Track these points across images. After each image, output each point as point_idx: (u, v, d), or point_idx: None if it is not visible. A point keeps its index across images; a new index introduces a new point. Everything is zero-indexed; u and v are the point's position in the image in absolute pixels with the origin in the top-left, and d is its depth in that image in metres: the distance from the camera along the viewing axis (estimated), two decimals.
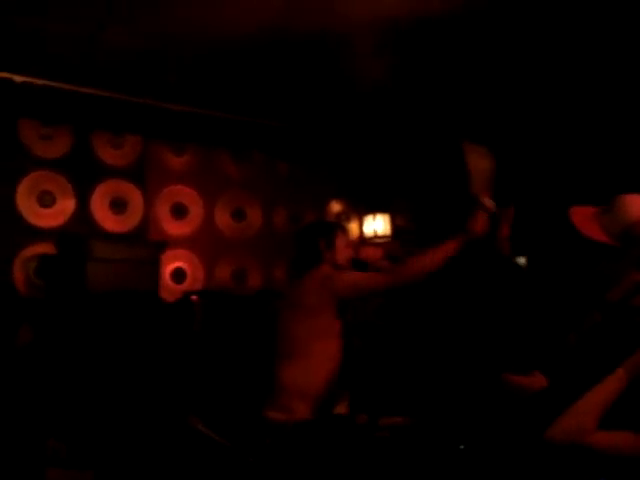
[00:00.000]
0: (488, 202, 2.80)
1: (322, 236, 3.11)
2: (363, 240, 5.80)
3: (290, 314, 2.97)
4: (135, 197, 4.82)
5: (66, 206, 4.55)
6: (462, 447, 2.89)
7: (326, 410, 3.03)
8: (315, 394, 2.87)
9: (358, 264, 3.18)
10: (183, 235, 4.99)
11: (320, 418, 2.92)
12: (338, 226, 3.27)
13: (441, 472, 2.72)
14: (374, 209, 5.71)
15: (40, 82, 4.06)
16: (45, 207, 4.47)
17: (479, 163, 2.86)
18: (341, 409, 3.16)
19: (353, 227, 5.82)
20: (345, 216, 5.79)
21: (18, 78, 3.98)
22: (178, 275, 4.91)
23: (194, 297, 4.34)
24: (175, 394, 3.64)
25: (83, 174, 4.63)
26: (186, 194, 5.04)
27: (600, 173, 4.55)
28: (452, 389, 3.64)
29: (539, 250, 4.92)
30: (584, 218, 2.02)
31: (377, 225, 5.71)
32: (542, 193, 5.13)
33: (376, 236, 5.72)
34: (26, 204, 4.41)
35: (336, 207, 5.76)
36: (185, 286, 4.87)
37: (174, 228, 4.96)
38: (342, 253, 3.10)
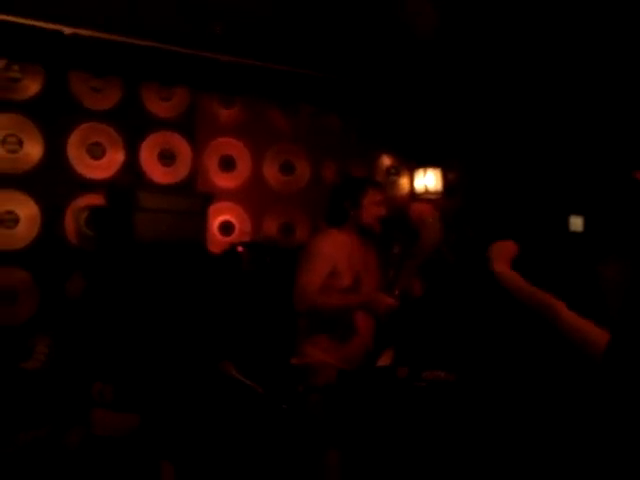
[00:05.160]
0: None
1: (348, 195, 3.04)
2: (413, 196, 5.70)
3: None
4: (183, 149, 4.83)
5: (116, 158, 4.60)
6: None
7: (368, 361, 3.04)
8: (329, 340, 2.90)
9: (388, 223, 3.09)
10: (231, 188, 4.99)
11: (358, 369, 2.93)
12: (368, 183, 3.17)
13: (475, 429, 2.68)
14: (425, 163, 5.58)
15: (89, 34, 4.07)
16: (95, 159, 4.53)
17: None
18: (384, 361, 3.14)
19: (403, 182, 5.72)
20: (395, 170, 5.69)
21: (68, 30, 3.99)
22: (226, 228, 4.93)
23: (240, 248, 4.35)
24: (217, 341, 3.68)
25: (132, 126, 4.66)
26: (234, 146, 5.02)
27: None
28: (495, 348, 3.57)
29: (596, 210, 4.75)
30: None
31: (428, 180, 5.58)
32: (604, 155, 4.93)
33: (427, 192, 5.60)
34: (77, 156, 4.47)
35: (386, 161, 5.66)
36: (233, 239, 4.88)
37: (222, 180, 4.97)
38: (369, 212, 3.02)
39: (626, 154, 4.45)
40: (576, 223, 5.60)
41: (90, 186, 4.46)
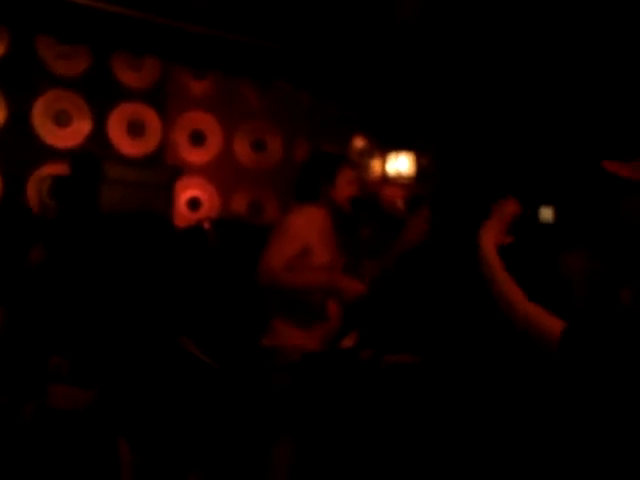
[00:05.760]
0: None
1: (322, 170, 2.97)
2: (385, 179, 5.66)
3: None
4: (153, 121, 4.72)
5: (82, 127, 4.47)
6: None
7: (332, 342, 3.00)
8: (300, 319, 2.86)
9: (359, 204, 3.03)
10: (200, 163, 4.90)
11: (322, 350, 2.89)
12: (343, 160, 3.09)
13: (433, 411, 2.67)
14: (398, 147, 5.54)
15: None
16: (61, 127, 4.41)
17: None
18: (348, 343, 3.11)
19: (375, 165, 5.67)
20: (368, 152, 5.64)
21: None
22: (194, 203, 4.85)
23: (207, 224, 4.28)
24: (177, 317, 3.63)
25: (101, 95, 4.54)
26: (205, 121, 4.93)
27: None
28: (463, 331, 3.56)
29: (566, 200, 4.77)
30: (616, 165, 1.96)
31: (400, 164, 5.55)
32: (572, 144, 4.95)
33: (399, 176, 5.57)
34: (42, 123, 4.34)
35: (359, 142, 5.60)
36: (201, 214, 4.81)
37: (191, 155, 4.87)
38: (342, 190, 2.95)
39: (597, 145, 4.46)
40: (546, 214, 5.63)
41: (54, 154, 4.35)
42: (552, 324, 1.59)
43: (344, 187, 2.97)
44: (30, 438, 3.22)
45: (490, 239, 1.80)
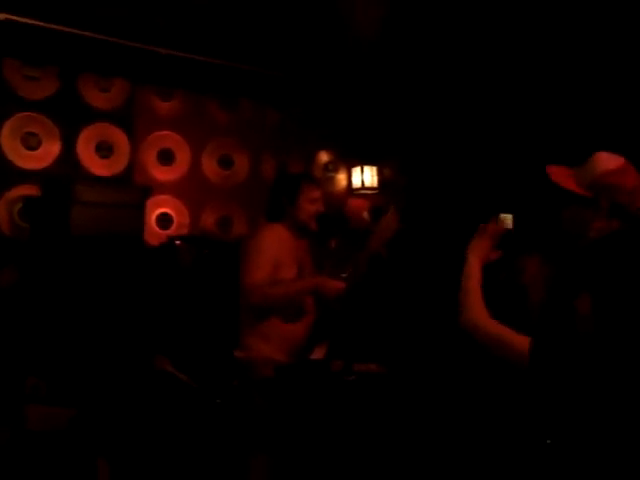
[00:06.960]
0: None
1: (284, 191, 3.11)
2: (350, 191, 5.80)
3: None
4: (121, 141, 4.79)
5: (52, 149, 4.52)
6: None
7: (301, 355, 3.11)
8: (272, 333, 2.97)
9: (324, 220, 3.17)
10: (169, 181, 4.98)
11: (293, 362, 3.00)
12: (304, 180, 3.22)
13: (399, 421, 2.77)
14: (362, 160, 5.69)
15: (23, 20, 3.99)
16: (30, 149, 4.45)
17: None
18: (318, 354, 3.21)
19: (340, 178, 5.82)
20: (333, 166, 5.78)
21: (0, 15, 3.91)
22: (164, 220, 4.92)
23: (178, 242, 4.36)
24: (152, 335, 3.69)
25: (69, 117, 4.59)
26: (173, 140, 5.01)
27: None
28: (430, 341, 3.68)
29: (524, 208, 4.92)
30: (560, 174, 2.09)
31: (365, 177, 5.70)
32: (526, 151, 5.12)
33: (363, 187, 5.72)
34: (11, 146, 4.38)
35: (324, 157, 5.74)
36: (171, 231, 4.88)
37: (160, 173, 4.95)
38: (305, 209, 3.09)
39: (551, 152, 4.63)
40: (506, 221, 5.79)
41: (25, 177, 4.39)
42: (519, 341, 1.72)
43: (306, 206, 3.11)
44: (7, 461, 3.25)
45: (478, 254, 1.94)
